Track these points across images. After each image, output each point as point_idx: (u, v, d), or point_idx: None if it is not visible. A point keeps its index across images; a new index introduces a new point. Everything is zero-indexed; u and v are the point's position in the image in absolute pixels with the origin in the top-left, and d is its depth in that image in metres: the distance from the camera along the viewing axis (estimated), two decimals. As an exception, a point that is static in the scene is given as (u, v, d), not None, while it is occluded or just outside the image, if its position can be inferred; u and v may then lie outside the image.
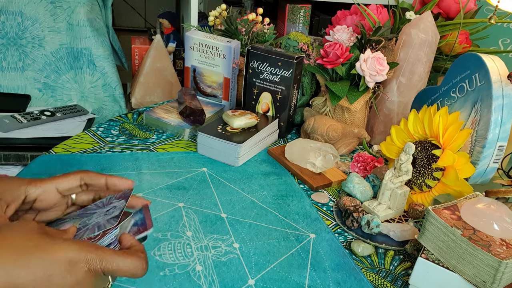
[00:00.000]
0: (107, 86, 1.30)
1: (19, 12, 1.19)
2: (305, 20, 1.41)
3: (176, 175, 0.82)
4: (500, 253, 0.53)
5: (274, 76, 0.96)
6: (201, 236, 0.67)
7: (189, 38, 1.06)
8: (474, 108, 0.77)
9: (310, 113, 1.02)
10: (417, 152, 0.82)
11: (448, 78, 0.84)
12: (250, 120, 0.94)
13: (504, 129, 0.73)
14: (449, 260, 0.58)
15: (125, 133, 0.96)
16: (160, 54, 1.30)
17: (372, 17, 1.06)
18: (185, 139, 0.96)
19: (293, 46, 1.09)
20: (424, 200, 0.79)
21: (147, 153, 0.89)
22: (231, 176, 0.84)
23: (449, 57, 1.09)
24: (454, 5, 1.10)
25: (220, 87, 1.08)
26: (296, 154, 0.89)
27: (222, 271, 0.61)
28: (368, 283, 0.62)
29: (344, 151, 0.99)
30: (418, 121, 0.83)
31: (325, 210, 0.79)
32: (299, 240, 0.69)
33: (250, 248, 0.66)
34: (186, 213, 0.72)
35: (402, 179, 0.74)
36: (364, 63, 0.93)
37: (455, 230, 0.57)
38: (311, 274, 0.62)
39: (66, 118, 1.23)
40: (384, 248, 0.70)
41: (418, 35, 0.95)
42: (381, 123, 1.03)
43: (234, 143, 0.87)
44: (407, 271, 0.66)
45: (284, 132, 1.02)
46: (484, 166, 0.76)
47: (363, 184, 0.81)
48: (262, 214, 0.74)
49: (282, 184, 0.84)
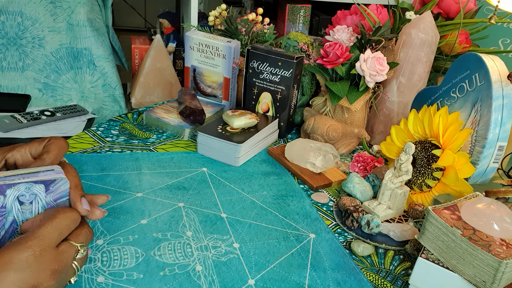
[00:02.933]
0: (107, 86, 1.30)
1: (19, 12, 1.19)
2: (305, 20, 1.41)
3: (176, 175, 0.82)
4: (500, 253, 0.53)
5: (274, 76, 0.96)
6: (201, 236, 0.67)
7: (189, 38, 1.06)
8: (474, 108, 0.77)
9: (310, 113, 1.02)
10: (417, 152, 0.82)
11: (448, 78, 0.84)
12: (250, 120, 0.94)
13: (504, 129, 0.73)
14: (449, 260, 0.58)
15: (125, 133, 0.96)
16: (160, 54, 1.30)
17: (372, 17, 1.06)
18: (185, 139, 0.96)
19: (293, 46, 1.09)
20: (424, 200, 0.79)
21: (147, 153, 0.89)
22: (231, 176, 0.84)
23: (449, 57, 1.09)
24: (454, 5, 1.10)
25: (220, 87, 1.08)
26: (296, 154, 0.89)
27: (222, 271, 0.61)
28: (368, 283, 0.62)
29: (344, 151, 0.99)
30: (418, 121, 0.83)
31: (325, 210, 0.79)
32: (299, 240, 0.69)
33: (250, 248, 0.66)
34: (186, 213, 0.72)
35: (402, 179, 0.74)
36: (364, 63, 0.93)
37: (455, 230, 0.57)
38: (311, 274, 0.62)
39: (66, 118, 1.23)
40: (384, 248, 0.70)
41: (418, 35, 0.95)
42: (381, 123, 1.03)
43: (234, 143, 0.87)
44: (407, 271, 0.66)
45: (284, 132, 1.02)
46: (484, 166, 0.76)
47: (363, 184, 0.81)
48: (262, 214, 0.74)
49: (282, 184, 0.84)
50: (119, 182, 0.77)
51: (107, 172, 0.80)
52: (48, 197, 0.48)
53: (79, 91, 1.29)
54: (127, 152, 0.88)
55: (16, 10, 1.19)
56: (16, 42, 1.21)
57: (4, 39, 1.20)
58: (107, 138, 0.92)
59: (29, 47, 1.22)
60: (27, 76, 1.24)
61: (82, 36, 1.25)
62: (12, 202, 0.46)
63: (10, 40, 1.21)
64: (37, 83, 1.26)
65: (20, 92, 1.26)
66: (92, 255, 0.61)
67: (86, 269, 0.58)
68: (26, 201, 0.47)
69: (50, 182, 0.48)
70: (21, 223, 0.47)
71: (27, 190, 0.47)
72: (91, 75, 1.28)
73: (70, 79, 1.28)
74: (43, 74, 1.25)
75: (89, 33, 1.25)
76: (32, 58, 1.23)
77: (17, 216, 0.47)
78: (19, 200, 0.47)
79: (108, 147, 0.89)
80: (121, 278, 0.57)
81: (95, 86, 1.29)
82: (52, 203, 0.48)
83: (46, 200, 0.48)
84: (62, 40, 1.24)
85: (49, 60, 1.25)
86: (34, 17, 1.21)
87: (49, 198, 0.48)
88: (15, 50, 1.22)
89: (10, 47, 1.21)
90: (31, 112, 1.20)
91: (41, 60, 1.24)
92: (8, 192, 0.46)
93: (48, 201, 0.48)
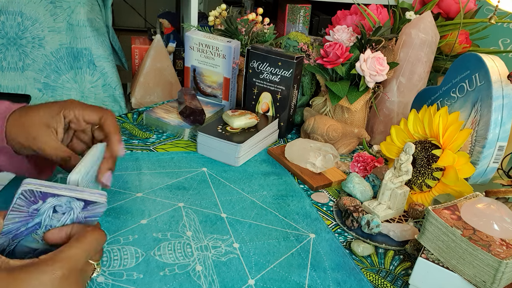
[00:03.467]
0: (107, 86, 1.29)
1: (19, 12, 1.19)
2: (305, 20, 1.41)
3: (176, 175, 0.82)
4: (500, 253, 0.53)
5: (274, 76, 0.96)
6: (201, 236, 0.67)
7: (189, 38, 1.06)
8: (474, 108, 0.77)
9: (310, 113, 1.02)
10: (417, 152, 0.82)
11: (448, 78, 0.84)
12: (250, 120, 0.94)
13: (504, 129, 0.73)
14: (449, 260, 0.58)
15: (125, 133, 0.96)
16: (160, 54, 1.30)
17: (372, 17, 1.06)
18: (185, 139, 0.96)
19: (293, 46, 1.09)
20: (424, 200, 0.79)
21: (147, 153, 0.89)
22: (231, 176, 0.84)
23: (449, 57, 1.09)
24: (454, 5, 1.10)
25: (220, 87, 1.08)
26: (296, 154, 0.89)
27: (222, 271, 0.61)
28: (368, 283, 0.62)
29: (344, 151, 0.99)
30: (418, 121, 0.83)
31: (325, 210, 0.79)
32: (299, 240, 0.69)
33: (250, 248, 0.66)
34: (186, 213, 0.72)
35: (402, 179, 0.74)
36: (364, 63, 0.93)
37: (455, 230, 0.57)
38: (311, 274, 0.62)
39: (66, 118, 1.23)
40: (384, 248, 0.70)
41: (418, 35, 0.95)
42: (381, 123, 1.03)
43: (234, 143, 0.87)
44: (407, 271, 0.66)
45: (284, 132, 1.02)
46: (484, 166, 0.76)
47: (363, 184, 0.81)
48: (262, 214, 0.74)
49: (282, 184, 0.84)
50: (119, 182, 0.77)
51: (107, 172, 0.80)
52: (81, 213, 0.49)
53: (79, 91, 1.29)
54: (127, 152, 0.88)
55: (16, 10, 1.19)
56: (16, 42, 1.21)
57: (4, 39, 1.20)
58: (107, 138, 0.92)
59: (29, 47, 1.22)
60: (27, 76, 1.24)
61: (82, 36, 1.25)
62: (47, 208, 0.47)
63: (10, 40, 1.21)
64: (37, 83, 1.26)
65: (20, 92, 1.26)
66: (92, 255, 0.61)
67: (86, 269, 0.58)
68: (60, 211, 0.48)
69: (91, 202, 0.48)
70: (44, 228, 0.48)
71: (67, 203, 0.47)
72: (91, 75, 1.28)
73: (70, 79, 1.27)
74: (43, 74, 1.25)
75: (89, 33, 1.25)
76: (32, 58, 1.23)
77: (44, 220, 0.47)
78: (55, 208, 0.47)
79: (108, 147, 0.89)
80: (121, 278, 0.57)
81: (95, 86, 1.29)
82: (82, 219, 0.49)
83: (79, 216, 0.49)
84: (62, 40, 1.24)
85: (49, 60, 1.25)
86: (34, 17, 1.21)
87: (82, 214, 0.49)
88: (15, 50, 1.21)
89: (10, 47, 1.21)
90: (31, 112, 1.20)
91: (41, 60, 1.24)
92: (49, 200, 0.47)
93: (80, 217, 0.49)
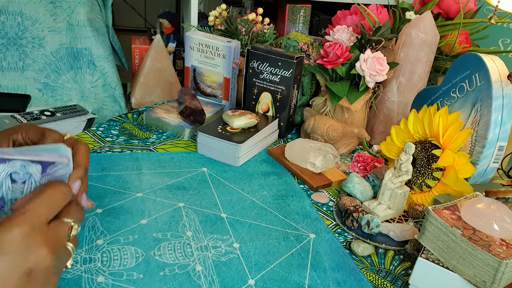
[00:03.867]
0: (107, 86, 1.29)
1: (19, 12, 1.19)
2: (305, 20, 1.41)
3: (176, 175, 0.82)
4: (500, 253, 0.53)
5: (274, 76, 0.96)
6: (201, 236, 0.67)
7: (189, 38, 1.06)
8: (474, 108, 0.77)
9: (310, 113, 1.02)
10: (417, 152, 0.82)
11: (448, 78, 0.84)
12: (250, 120, 0.94)
13: (504, 129, 0.73)
14: (449, 260, 0.58)
15: (125, 133, 0.96)
16: (160, 54, 1.30)
17: (372, 17, 1.06)
18: (185, 139, 0.96)
19: (293, 46, 1.09)
20: (424, 200, 0.79)
21: (147, 153, 0.89)
22: (231, 176, 0.84)
23: (449, 57, 1.09)
24: (454, 5, 1.10)
25: (220, 87, 1.08)
26: (296, 154, 0.89)
27: (222, 271, 0.61)
28: (368, 283, 0.62)
29: (344, 151, 0.99)
30: (418, 121, 0.83)
31: (325, 210, 0.79)
32: (299, 240, 0.69)
33: (250, 248, 0.66)
34: (186, 213, 0.72)
35: (402, 179, 0.74)
36: (364, 63, 0.93)
37: (455, 230, 0.57)
38: (311, 274, 0.62)
39: (66, 118, 1.23)
40: (384, 248, 0.70)
41: (418, 35, 0.95)
42: (381, 123, 1.03)
43: (234, 143, 0.87)
44: (407, 271, 0.66)
45: (284, 132, 1.02)
46: (484, 166, 0.76)
47: (363, 184, 0.81)
48: (262, 214, 0.74)
49: (282, 184, 0.84)
50: (119, 182, 0.77)
51: (107, 172, 0.80)
52: (43, 179, 0.44)
53: (79, 91, 1.29)
54: (127, 152, 0.88)
55: (16, 10, 1.19)
56: (16, 42, 1.21)
57: (4, 39, 1.20)
58: (107, 138, 0.92)
59: (29, 47, 1.22)
60: (27, 76, 1.24)
61: (82, 36, 1.25)
62: (3, 178, 0.42)
63: (10, 40, 1.21)
64: (37, 83, 1.26)
65: (20, 92, 1.26)
66: (92, 255, 0.61)
67: (86, 269, 0.58)
68: (18, 179, 0.43)
69: (49, 164, 0.44)
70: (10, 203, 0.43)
71: (22, 168, 0.43)
72: (91, 75, 1.28)
73: (70, 79, 1.27)
74: (43, 74, 1.25)
75: (89, 33, 1.25)
76: (32, 58, 1.23)
77: (6, 194, 0.43)
78: (12, 177, 0.43)
79: (108, 147, 0.89)
80: (121, 278, 0.57)
81: (95, 86, 1.29)
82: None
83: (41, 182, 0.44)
84: (62, 40, 1.24)
85: (49, 60, 1.25)
86: (34, 17, 1.21)
87: (44, 180, 0.44)
88: (15, 50, 1.22)
89: (10, 47, 1.21)
90: (31, 112, 1.20)
91: (41, 60, 1.24)
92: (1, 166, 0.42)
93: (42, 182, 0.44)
